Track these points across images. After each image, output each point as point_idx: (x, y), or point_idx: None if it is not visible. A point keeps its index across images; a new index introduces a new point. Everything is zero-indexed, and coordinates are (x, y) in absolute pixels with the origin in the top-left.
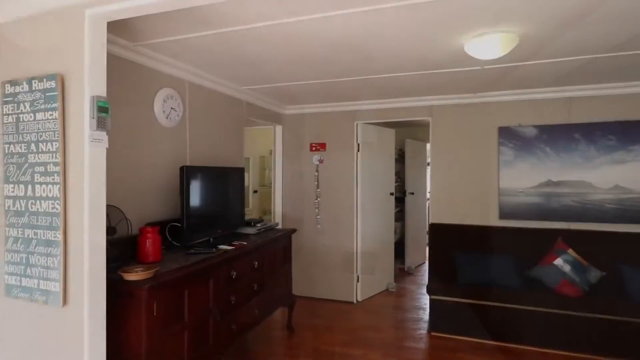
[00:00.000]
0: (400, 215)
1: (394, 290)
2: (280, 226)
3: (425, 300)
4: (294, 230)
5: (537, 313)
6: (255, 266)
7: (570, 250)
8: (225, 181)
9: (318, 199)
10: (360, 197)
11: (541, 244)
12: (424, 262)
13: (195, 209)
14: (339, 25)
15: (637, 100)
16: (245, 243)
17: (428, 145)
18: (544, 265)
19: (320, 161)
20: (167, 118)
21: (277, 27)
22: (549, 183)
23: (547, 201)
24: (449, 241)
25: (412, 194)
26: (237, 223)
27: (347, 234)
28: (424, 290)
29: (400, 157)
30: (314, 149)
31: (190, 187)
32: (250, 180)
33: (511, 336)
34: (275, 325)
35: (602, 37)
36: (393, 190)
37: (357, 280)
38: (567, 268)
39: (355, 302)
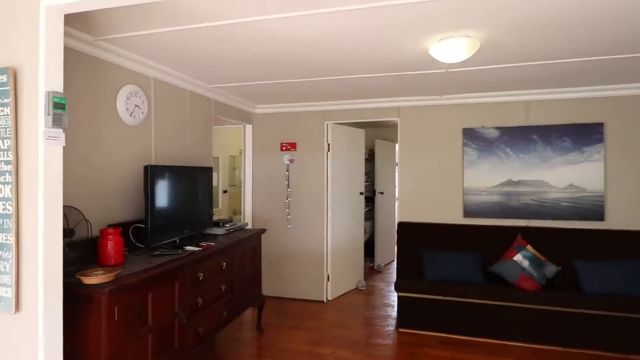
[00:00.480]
0: (370, 215)
1: (363, 288)
2: (250, 226)
3: (394, 297)
4: (263, 231)
5: (498, 307)
6: (224, 267)
7: (528, 246)
8: (193, 181)
9: (288, 199)
10: (331, 197)
11: (502, 240)
12: (393, 260)
13: (160, 209)
14: (306, 25)
15: (590, 104)
16: (213, 244)
17: (397, 146)
18: (505, 261)
19: (291, 161)
20: (130, 116)
21: (243, 26)
22: (509, 182)
23: (508, 200)
24: (417, 239)
25: (382, 193)
26: (205, 223)
27: (318, 233)
28: (393, 287)
29: (371, 157)
30: (284, 148)
31: (156, 187)
32: (220, 180)
33: (475, 330)
34: (245, 327)
35: (558, 44)
36: (363, 190)
37: (328, 280)
38: (525, 263)
39: (325, 301)
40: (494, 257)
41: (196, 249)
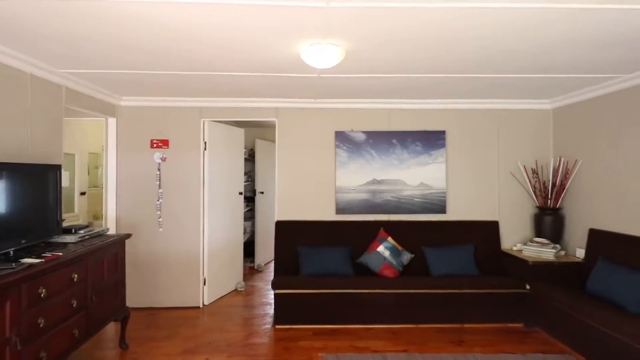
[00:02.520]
0: (251, 214)
1: (242, 289)
2: (112, 231)
3: (272, 295)
4: (128, 236)
5: (364, 295)
6: (75, 279)
7: (389, 238)
8: (34, 181)
9: (160, 200)
10: (208, 197)
11: (368, 234)
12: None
13: None
14: (178, 13)
15: (436, 114)
16: (60, 254)
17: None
18: (370, 252)
19: (163, 159)
20: None
21: (93, 2)
22: (374, 181)
23: (373, 197)
24: (294, 237)
25: (263, 193)
26: (51, 231)
27: (193, 235)
28: None
29: (251, 157)
30: (155, 145)
31: None
32: (77, 180)
33: (344, 318)
34: (106, 344)
35: (413, 61)
36: (242, 190)
37: (204, 284)
38: (387, 253)
39: (202, 306)
40: (362, 249)
41: (36, 261)
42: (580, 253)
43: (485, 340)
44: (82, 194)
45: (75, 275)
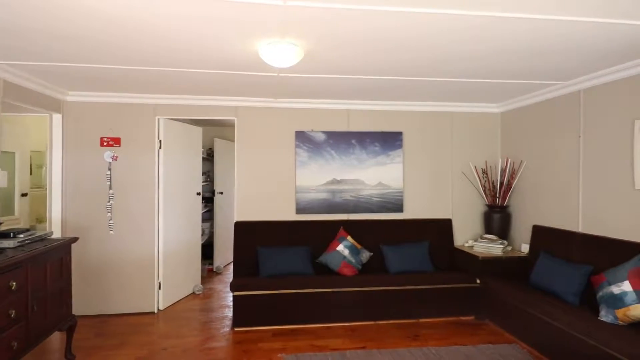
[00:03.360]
0: (209, 215)
1: (200, 292)
2: (57, 235)
3: (231, 297)
4: (74, 240)
5: (323, 294)
6: (13, 288)
7: (349, 237)
8: None
9: (111, 201)
10: (163, 198)
11: (328, 233)
12: None
13: None
14: (120, 2)
15: (393, 116)
16: None
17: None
18: (330, 251)
19: (114, 158)
20: None
21: None
22: (334, 181)
23: (333, 196)
24: (253, 238)
25: (222, 193)
26: None
27: (147, 238)
28: None
29: (210, 157)
30: (105, 144)
31: None
32: (17, 180)
33: (304, 318)
34: (50, 355)
35: (369, 63)
36: (200, 190)
37: (159, 288)
38: (346, 252)
39: (156, 311)
40: (322, 248)
41: None
42: (525, 248)
43: (439, 334)
44: (24, 195)
45: (14, 283)
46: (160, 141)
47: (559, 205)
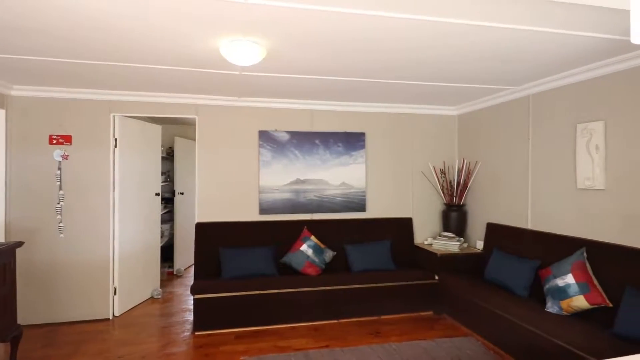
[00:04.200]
0: (169, 217)
1: (159, 296)
2: (0, 239)
3: (192, 301)
4: (19, 244)
5: (287, 294)
6: None
7: (312, 237)
8: None
9: (61, 203)
10: (119, 199)
11: (292, 233)
12: None
13: None
14: None
15: (356, 117)
16: None
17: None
18: (294, 252)
19: (65, 157)
20: None
21: None
22: (297, 181)
23: (297, 196)
24: (215, 239)
25: (182, 194)
26: None
27: (102, 241)
28: None
29: (170, 156)
30: (55, 142)
31: None
32: None
33: (268, 319)
34: None
35: (333, 65)
36: (159, 191)
37: (114, 293)
38: (310, 252)
39: (112, 317)
40: (286, 249)
41: None
42: (480, 245)
43: (399, 330)
44: None
45: None
46: (115, 139)
47: (510, 203)
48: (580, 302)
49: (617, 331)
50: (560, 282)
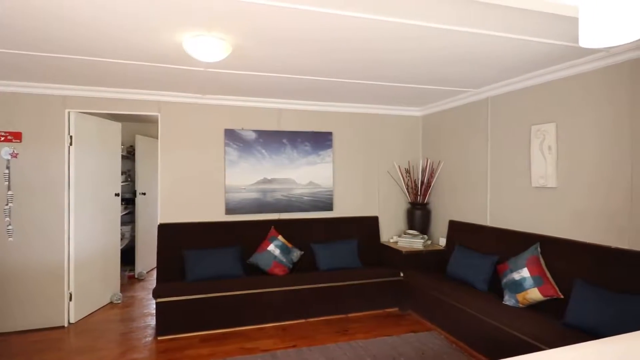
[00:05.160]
0: (130, 218)
1: (119, 301)
2: None
3: (155, 305)
4: None
5: (254, 295)
6: None
7: (280, 237)
8: None
9: (10, 204)
10: (75, 200)
11: (259, 233)
12: None
13: None
14: None
15: (324, 116)
16: None
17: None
18: (261, 252)
19: (14, 155)
20: None
21: None
22: (264, 180)
23: (264, 196)
24: (179, 240)
25: (144, 194)
26: None
27: (56, 244)
28: None
29: (131, 155)
30: (2, 139)
31: None
32: None
33: (235, 321)
34: None
35: (300, 63)
36: (119, 191)
37: (70, 299)
38: (277, 252)
39: (67, 325)
40: (253, 249)
41: None
42: (443, 242)
43: (366, 327)
44: None
45: None
46: (71, 137)
47: (471, 201)
48: (534, 294)
49: (568, 321)
50: (516, 275)
